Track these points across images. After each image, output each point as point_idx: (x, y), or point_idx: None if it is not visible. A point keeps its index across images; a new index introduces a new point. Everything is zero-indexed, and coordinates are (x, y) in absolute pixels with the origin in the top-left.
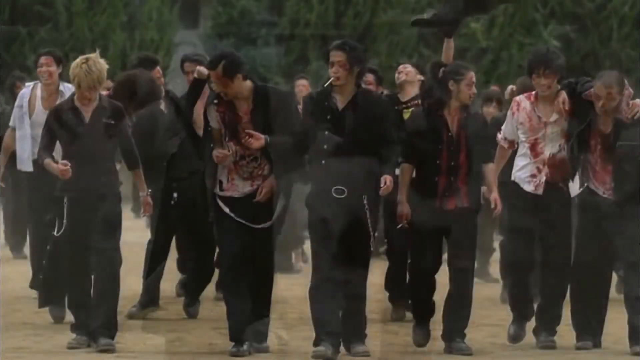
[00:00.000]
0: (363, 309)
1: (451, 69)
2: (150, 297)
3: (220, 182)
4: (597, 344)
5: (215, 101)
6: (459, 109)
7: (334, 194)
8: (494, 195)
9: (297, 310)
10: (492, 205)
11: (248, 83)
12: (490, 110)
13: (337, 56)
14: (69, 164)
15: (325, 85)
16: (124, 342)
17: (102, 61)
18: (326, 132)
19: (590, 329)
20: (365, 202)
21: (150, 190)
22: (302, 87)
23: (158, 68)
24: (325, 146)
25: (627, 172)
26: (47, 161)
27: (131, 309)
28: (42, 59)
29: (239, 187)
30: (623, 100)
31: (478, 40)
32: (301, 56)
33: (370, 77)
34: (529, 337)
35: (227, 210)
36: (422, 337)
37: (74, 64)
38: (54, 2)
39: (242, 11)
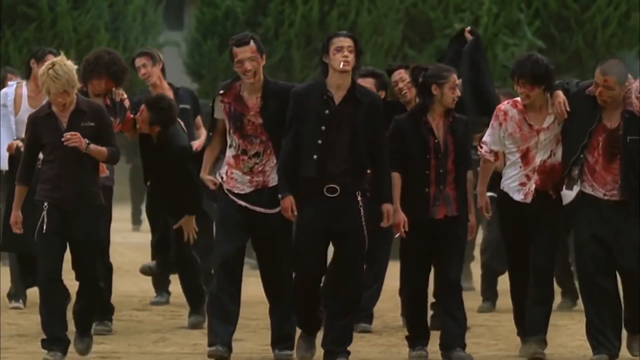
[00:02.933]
0: (353, 314)
1: (433, 73)
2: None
3: (221, 177)
4: (614, 355)
5: (222, 91)
6: (444, 114)
7: (326, 194)
8: (472, 219)
9: None
10: (468, 233)
11: (261, 75)
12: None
13: (347, 42)
14: (20, 225)
15: (343, 67)
16: (108, 342)
17: (69, 63)
18: (322, 127)
19: (606, 340)
20: (359, 198)
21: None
22: None
23: None
24: (320, 141)
25: (638, 168)
26: (19, 190)
27: (144, 266)
28: (51, 57)
29: (239, 182)
30: (632, 93)
31: None
32: (286, 56)
33: (369, 81)
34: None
35: (234, 197)
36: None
37: (40, 71)
38: (38, 3)
39: (226, 12)
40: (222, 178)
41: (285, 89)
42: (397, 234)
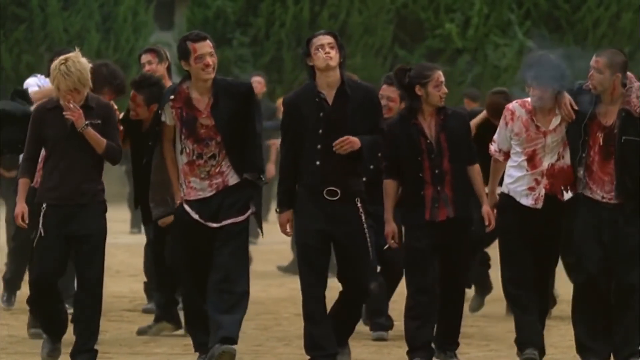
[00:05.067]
0: (355, 322)
1: (415, 73)
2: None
3: (182, 187)
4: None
5: (172, 97)
6: (435, 112)
7: (326, 196)
8: (486, 209)
9: (272, 311)
10: (486, 222)
11: None
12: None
13: (326, 39)
14: (26, 221)
15: (326, 63)
16: (99, 342)
17: (83, 60)
18: (320, 131)
19: (597, 345)
20: (359, 204)
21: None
22: (257, 83)
23: None
24: (319, 146)
25: (632, 170)
26: (23, 182)
27: (141, 328)
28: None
29: (199, 189)
30: (632, 92)
31: (453, 41)
32: (276, 57)
33: (392, 91)
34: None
35: (195, 216)
36: None
37: (53, 65)
38: (29, 3)
39: (217, 12)
40: (183, 190)
41: (236, 86)
42: (386, 246)
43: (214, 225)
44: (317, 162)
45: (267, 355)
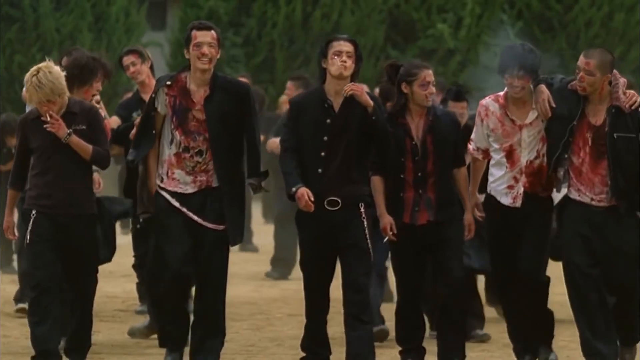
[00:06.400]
0: (372, 333)
1: (404, 71)
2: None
3: (161, 177)
4: None
5: (168, 82)
6: (423, 112)
7: (327, 207)
8: (468, 218)
9: (265, 312)
10: (466, 232)
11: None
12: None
13: (346, 46)
14: (13, 231)
15: (339, 72)
16: (92, 342)
17: (55, 69)
18: (325, 138)
19: (597, 352)
20: (362, 209)
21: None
22: None
23: None
24: (323, 154)
25: (625, 167)
26: (11, 194)
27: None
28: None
29: (181, 182)
30: (619, 88)
31: (445, 41)
32: (269, 57)
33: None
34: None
35: (176, 203)
36: None
37: (26, 76)
38: (21, 3)
39: (209, 12)
40: (161, 179)
41: (233, 84)
42: (386, 238)
43: (196, 218)
44: (319, 170)
45: (259, 355)
